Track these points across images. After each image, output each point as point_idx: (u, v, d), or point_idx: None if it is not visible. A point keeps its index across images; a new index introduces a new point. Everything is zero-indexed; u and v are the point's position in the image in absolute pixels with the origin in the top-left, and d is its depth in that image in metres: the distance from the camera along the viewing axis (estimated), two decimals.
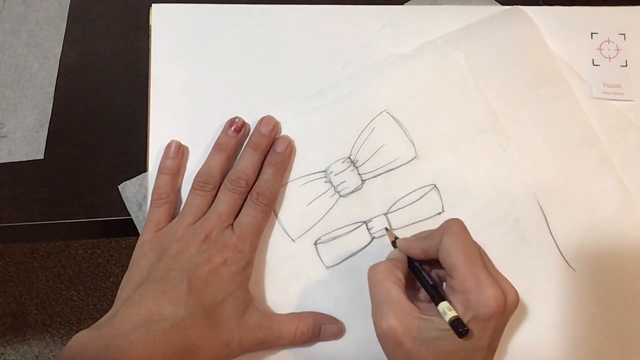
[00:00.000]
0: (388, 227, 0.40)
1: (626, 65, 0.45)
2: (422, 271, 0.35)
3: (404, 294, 0.33)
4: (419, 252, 0.35)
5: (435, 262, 0.35)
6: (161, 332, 0.33)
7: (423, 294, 0.36)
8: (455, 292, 0.32)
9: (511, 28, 0.45)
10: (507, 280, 0.33)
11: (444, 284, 0.35)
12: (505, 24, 0.45)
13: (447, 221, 0.34)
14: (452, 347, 0.31)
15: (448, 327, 0.31)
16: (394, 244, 0.38)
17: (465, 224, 0.34)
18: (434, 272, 0.36)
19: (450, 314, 0.31)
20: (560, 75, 0.44)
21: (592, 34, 0.46)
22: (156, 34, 0.44)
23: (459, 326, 0.30)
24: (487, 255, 0.34)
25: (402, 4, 0.46)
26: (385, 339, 0.32)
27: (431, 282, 0.34)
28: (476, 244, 0.33)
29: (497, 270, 0.33)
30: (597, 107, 0.44)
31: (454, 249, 0.32)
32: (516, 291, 0.32)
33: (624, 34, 0.46)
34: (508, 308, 0.32)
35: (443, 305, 0.32)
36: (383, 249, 0.40)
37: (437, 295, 0.33)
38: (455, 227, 0.33)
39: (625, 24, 0.46)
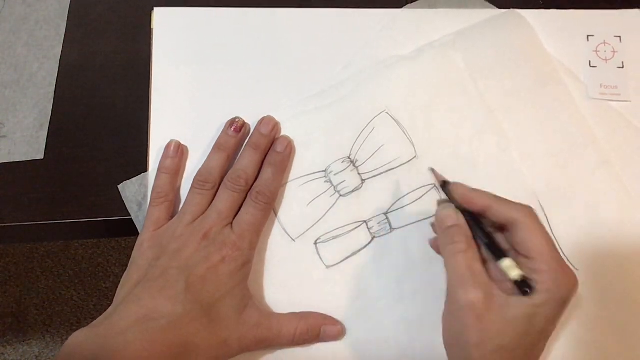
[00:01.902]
0: (434, 168, 0.38)
1: (622, 67, 0.45)
2: (484, 230, 0.34)
3: (483, 267, 0.33)
4: (479, 206, 0.34)
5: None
6: (158, 329, 0.33)
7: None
8: (539, 273, 0.31)
9: (508, 31, 0.45)
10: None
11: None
12: (502, 27, 0.45)
13: (522, 205, 0.33)
14: (527, 328, 0.31)
15: (526, 307, 0.30)
16: (443, 186, 0.36)
17: None
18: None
19: (515, 272, 0.31)
20: (557, 77, 0.44)
21: (588, 36, 0.46)
22: (158, 37, 0.44)
23: (525, 285, 0.31)
24: None
25: (401, 8, 0.46)
26: (464, 312, 0.31)
27: (493, 240, 0.33)
28: None
29: None
30: (595, 108, 0.44)
31: (538, 232, 0.32)
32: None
33: (619, 37, 0.46)
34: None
35: (507, 262, 0.32)
36: (383, 249, 0.40)
37: (499, 252, 0.32)
38: (533, 212, 0.33)
39: (620, 26, 0.46)
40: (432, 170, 0.38)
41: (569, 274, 0.32)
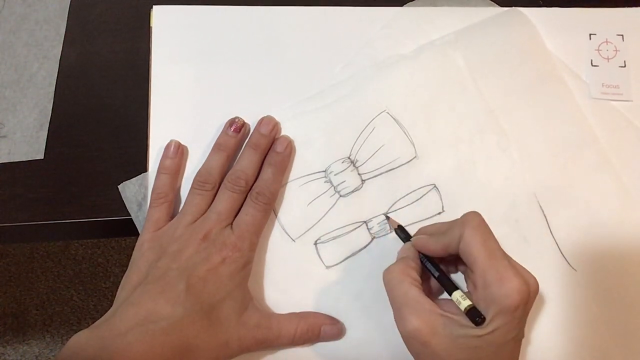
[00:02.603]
0: (388, 215, 0.40)
1: (625, 66, 0.45)
2: (433, 264, 0.35)
3: (422, 293, 0.33)
4: (438, 249, 0.35)
5: (449, 257, 0.35)
6: (159, 331, 0.33)
7: (440, 290, 0.36)
8: (477, 288, 0.32)
9: (510, 29, 0.45)
10: (526, 269, 0.33)
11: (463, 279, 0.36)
12: (503, 25, 0.45)
13: (466, 214, 0.34)
14: (478, 342, 0.31)
15: (472, 323, 0.31)
16: (398, 232, 0.38)
17: None
18: (450, 268, 0.37)
19: (465, 302, 0.31)
20: (559, 76, 0.44)
21: (590, 35, 0.46)
22: (157, 35, 0.44)
23: (475, 315, 0.31)
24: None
25: (401, 6, 0.46)
26: (411, 340, 0.32)
27: (444, 274, 0.34)
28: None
29: (515, 261, 0.33)
30: (596, 108, 0.44)
31: (475, 242, 0.32)
32: (536, 279, 0.32)
33: (622, 35, 0.46)
34: (530, 297, 0.31)
35: (457, 295, 0.32)
36: (383, 249, 0.40)
37: (450, 285, 0.33)
38: (476, 220, 0.33)
39: (623, 25, 0.46)
40: (388, 217, 0.40)
41: (509, 281, 0.31)
